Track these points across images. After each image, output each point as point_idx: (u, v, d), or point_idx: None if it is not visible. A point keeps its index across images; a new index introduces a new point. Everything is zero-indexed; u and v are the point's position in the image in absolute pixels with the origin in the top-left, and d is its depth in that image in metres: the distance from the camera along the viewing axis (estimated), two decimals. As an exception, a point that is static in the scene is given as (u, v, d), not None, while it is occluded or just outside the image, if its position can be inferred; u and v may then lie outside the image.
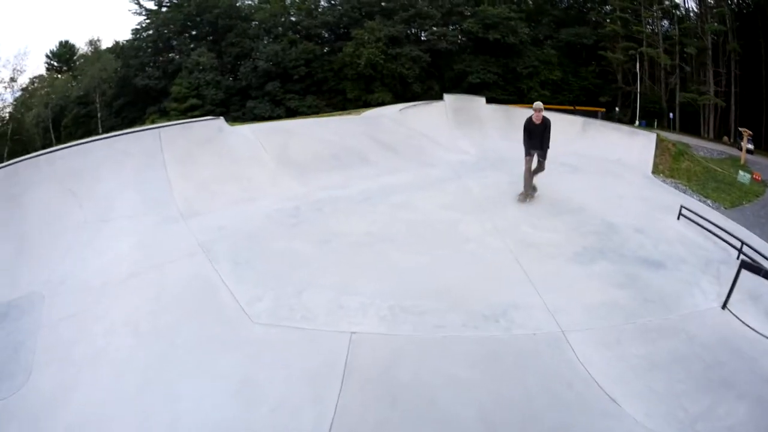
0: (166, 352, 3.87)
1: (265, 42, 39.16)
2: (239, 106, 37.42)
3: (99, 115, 32.98)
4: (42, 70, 37.58)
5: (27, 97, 33.13)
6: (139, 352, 3.90)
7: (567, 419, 3.25)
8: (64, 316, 4.67)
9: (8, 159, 29.43)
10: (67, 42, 40.66)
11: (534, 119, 7.20)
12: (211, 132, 7.54)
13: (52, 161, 6.99)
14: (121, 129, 32.96)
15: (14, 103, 32.33)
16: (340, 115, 17.40)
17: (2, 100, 32.80)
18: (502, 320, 4.36)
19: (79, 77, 36.31)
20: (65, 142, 28.19)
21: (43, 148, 31.91)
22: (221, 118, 8.41)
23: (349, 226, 6.28)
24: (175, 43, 38.73)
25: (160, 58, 38.79)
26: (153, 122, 31.07)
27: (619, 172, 10.38)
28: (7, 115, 32.55)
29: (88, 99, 35.30)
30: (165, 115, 32.75)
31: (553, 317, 4.45)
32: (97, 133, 32.10)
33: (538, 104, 7.27)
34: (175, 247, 5.60)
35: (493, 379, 3.61)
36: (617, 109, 38.43)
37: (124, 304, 4.59)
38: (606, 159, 11.09)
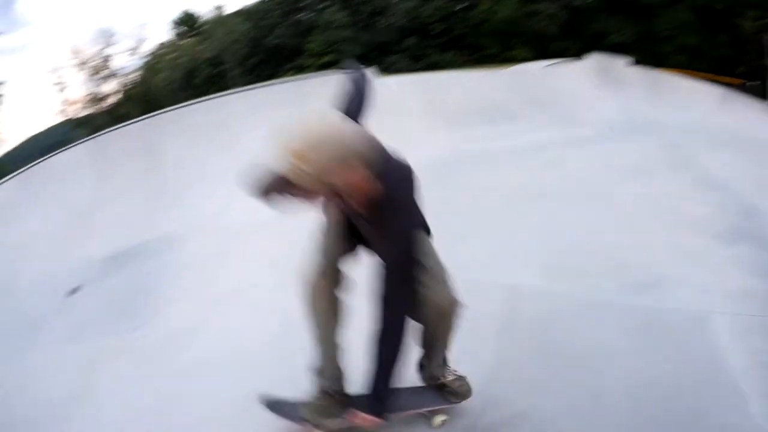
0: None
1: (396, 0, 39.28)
2: (378, 61, 38.20)
3: (232, 73, 35.51)
4: (164, 39, 41.42)
5: (155, 62, 36.33)
6: (278, 293, 3.96)
7: (702, 407, 2.91)
8: (200, 258, 5.04)
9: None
10: (188, 12, 44.32)
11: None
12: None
13: (190, 114, 7.50)
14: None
15: (143, 67, 35.82)
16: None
17: (132, 65, 37.00)
18: (655, 291, 3.99)
19: (206, 40, 39.21)
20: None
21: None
22: (371, 68, 8.57)
23: (500, 179, 6.07)
24: (303, 4, 40.34)
25: (290, 18, 40.54)
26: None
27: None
28: (136, 78, 36.18)
29: (219, 59, 37.89)
30: (302, 71, 34.41)
31: (699, 296, 4.04)
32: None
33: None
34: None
35: (642, 352, 3.35)
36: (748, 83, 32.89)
37: (265, 247, 4.74)
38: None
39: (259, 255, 4.60)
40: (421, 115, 7.73)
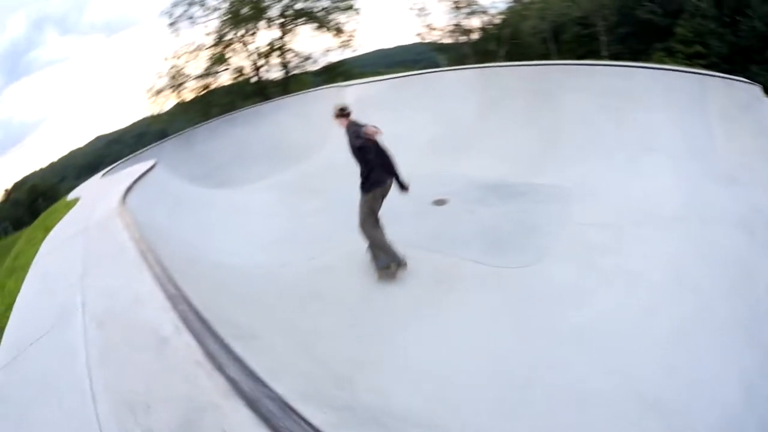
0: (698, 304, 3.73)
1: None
2: (741, 67, 31.45)
3: (602, 38, 33.91)
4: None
5: (521, 9, 36.41)
6: (673, 289, 3.91)
7: None
8: (590, 225, 5.22)
9: (506, 59, 34.56)
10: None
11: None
12: (750, 98, 6.69)
13: (591, 74, 7.60)
14: (625, 58, 33.48)
15: (509, 11, 36.34)
16: None
17: (497, 6, 37.86)
18: None
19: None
20: (564, 56, 30.57)
21: (541, 57, 35.86)
22: (758, 85, 7.29)
23: None
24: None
25: None
26: (659, 61, 30.03)
27: None
28: (502, 19, 36.98)
29: (589, 21, 36.44)
30: (671, 55, 30.90)
31: None
32: (599, 56, 33.63)
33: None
34: (715, 206, 5.23)
35: None
36: None
37: (662, 241, 4.65)
38: None
39: (657, 250, 4.60)
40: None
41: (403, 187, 4.99)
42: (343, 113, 4.95)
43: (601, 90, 7.28)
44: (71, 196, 9.19)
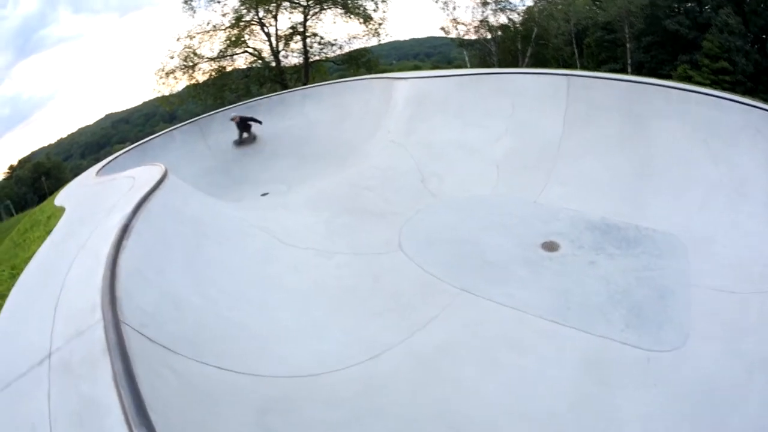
0: None
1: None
2: (766, 87, 31.10)
3: (628, 45, 33.20)
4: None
5: (544, 10, 35.62)
6: None
7: None
8: (708, 284, 4.62)
9: (532, 60, 33.71)
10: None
11: None
12: None
13: (686, 99, 6.83)
14: (649, 67, 32.85)
15: (535, 10, 35.51)
16: None
17: (522, 5, 37.06)
18: None
19: (602, 2, 36.96)
20: (586, 60, 29.79)
21: (567, 60, 34.98)
22: None
23: None
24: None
25: (688, 5, 35.39)
26: (684, 72, 29.41)
27: None
28: (527, 18, 36.08)
29: (614, 27, 35.88)
30: (696, 68, 30.48)
31: None
32: (624, 63, 33.03)
33: None
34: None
35: None
36: None
37: None
38: None
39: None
40: None
41: None
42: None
43: (695, 119, 6.59)
44: (58, 200, 7.66)
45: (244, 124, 12.82)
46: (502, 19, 35.27)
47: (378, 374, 3.88)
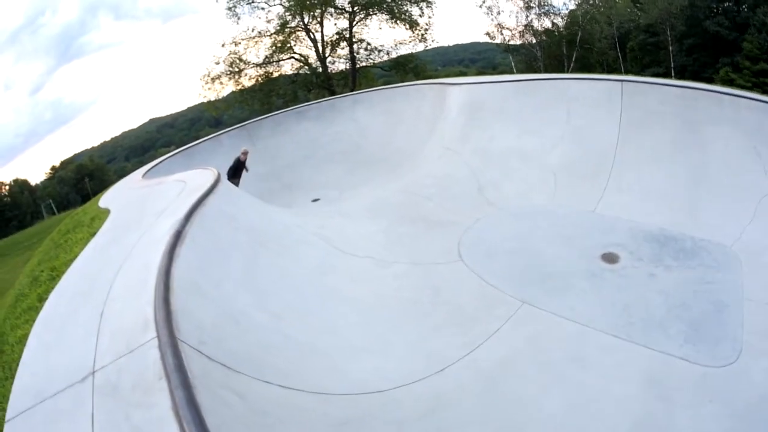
0: None
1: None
2: None
3: (670, 48, 32.66)
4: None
5: (586, 13, 35.17)
6: None
7: None
8: (761, 299, 4.60)
9: (577, 64, 33.25)
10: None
11: None
12: None
13: (737, 105, 6.73)
14: (691, 70, 32.21)
15: (577, 14, 35.05)
16: None
17: (566, 9, 36.67)
18: None
19: (643, 4, 36.32)
20: (630, 63, 29.53)
21: (611, 64, 34.47)
22: None
23: None
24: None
25: (726, 5, 34.44)
26: (726, 75, 28.88)
27: None
28: (570, 22, 35.70)
29: (656, 29, 35.34)
30: (737, 71, 29.89)
31: None
32: (667, 66, 32.47)
33: None
34: None
35: None
36: None
37: None
38: None
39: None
40: None
41: None
42: None
43: (746, 126, 6.52)
44: (103, 202, 7.78)
45: (242, 166, 11.15)
46: (546, 23, 35.18)
47: (444, 391, 3.85)
